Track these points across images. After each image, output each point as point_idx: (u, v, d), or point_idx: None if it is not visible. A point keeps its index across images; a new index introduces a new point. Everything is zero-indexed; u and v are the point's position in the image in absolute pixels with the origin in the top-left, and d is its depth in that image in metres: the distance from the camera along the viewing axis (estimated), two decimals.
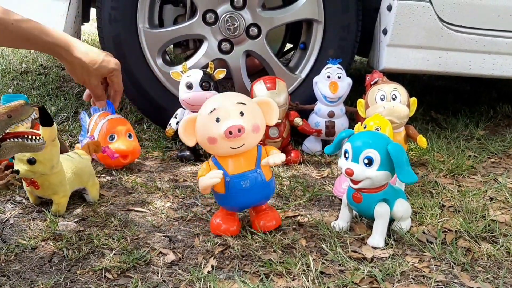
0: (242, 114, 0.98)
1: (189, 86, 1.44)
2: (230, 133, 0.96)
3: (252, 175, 1.02)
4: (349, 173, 1.01)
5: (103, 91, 1.39)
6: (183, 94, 1.46)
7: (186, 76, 1.45)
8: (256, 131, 1.00)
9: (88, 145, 1.26)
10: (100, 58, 1.30)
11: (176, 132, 1.45)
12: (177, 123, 1.47)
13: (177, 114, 1.50)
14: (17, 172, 1.07)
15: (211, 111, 0.98)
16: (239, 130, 0.96)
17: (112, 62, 1.33)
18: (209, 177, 0.99)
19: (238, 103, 0.99)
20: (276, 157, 1.00)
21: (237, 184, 1.01)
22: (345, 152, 1.04)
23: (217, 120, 0.97)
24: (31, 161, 1.05)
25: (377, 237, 1.04)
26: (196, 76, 1.44)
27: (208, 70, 1.48)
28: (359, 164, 1.01)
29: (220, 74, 1.49)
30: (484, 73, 1.70)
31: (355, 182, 1.03)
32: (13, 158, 1.06)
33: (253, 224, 1.09)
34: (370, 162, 1.00)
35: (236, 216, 1.09)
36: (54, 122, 1.04)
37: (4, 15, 1.14)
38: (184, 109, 1.49)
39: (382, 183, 1.03)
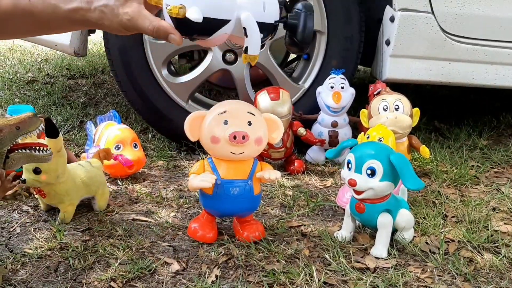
0: (249, 123, 1.01)
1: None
2: (235, 137, 0.98)
3: (243, 184, 1.04)
4: (352, 183, 1.02)
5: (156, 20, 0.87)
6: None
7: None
8: (259, 144, 1.02)
9: (98, 152, 1.28)
10: None
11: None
12: None
13: None
14: (24, 181, 1.08)
15: (222, 112, 1.01)
16: (243, 137, 0.98)
17: None
18: (200, 179, 1.01)
19: (248, 112, 1.02)
20: (272, 172, 1.05)
21: (227, 189, 1.03)
22: (348, 162, 1.05)
23: (225, 122, 1.00)
24: (36, 171, 1.07)
25: (380, 247, 1.05)
26: None
27: None
28: (362, 175, 1.02)
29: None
30: (486, 83, 1.71)
31: (358, 192, 1.04)
32: (21, 167, 1.08)
33: (237, 234, 1.11)
34: (373, 173, 1.01)
35: (214, 224, 1.11)
36: (60, 133, 1.06)
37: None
38: None
39: (385, 193, 1.04)
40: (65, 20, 0.89)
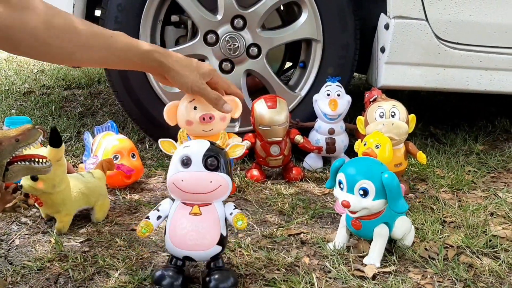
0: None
1: (185, 163, 0.90)
2: (204, 119, 1.19)
3: None
4: (346, 205, 1.01)
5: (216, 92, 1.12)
6: (174, 175, 0.91)
7: (182, 147, 0.93)
8: (223, 121, 1.23)
9: (101, 163, 1.28)
10: (191, 59, 1.11)
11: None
12: (159, 217, 0.92)
13: (160, 205, 0.94)
14: (21, 186, 1.08)
15: (191, 101, 1.20)
16: (210, 118, 1.19)
17: (204, 64, 1.12)
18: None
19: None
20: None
21: None
22: (340, 182, 1.04)
23: (195, 108, 1.19)
24: (33, 178, 1.07)
25: (373, 256, 1.05)
26: (197, 147, 0.91)
27: (219, 141, 1.00)
28: (354, 195, 1.01)
29: (236, 150, 0.96)
30: (481, 89, 1.72)
31: (352, 212, 1.04)
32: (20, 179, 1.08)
33: None
34: (365, 193, 1.00)
35: None
36: (63, 143, 1.06)
37: (100, 29, 0.99)
38: (173, 200, 0.94)
39: (380, 210, 1.04)
40: (140, 58, 1.03)
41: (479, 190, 1.50)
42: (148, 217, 0.91)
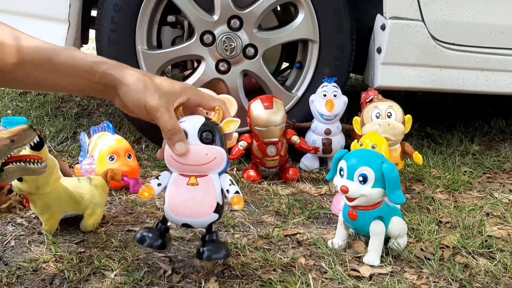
0: None
1: None
2: None
3: None
4: (344, 190, 1.03)
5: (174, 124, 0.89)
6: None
7: (180, 123, 0.95)
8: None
9: (107, 171, 1.23)
10: (157, 76, 0.92)
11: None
12: (159, 184, 0.97)
13: (159, 176, 0.99)
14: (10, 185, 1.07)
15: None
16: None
17: (176, 82, 0.93)
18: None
19: None
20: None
21: None
22: (340, 170, 1.06)
23: None
24: (19, 178, 1.05)
25: (373, 255, 1.05)
26: (193, 121, 0.94)
27: (214, 117, 0.98)
28: (354, 182, 1.03)
29: (230, 125, 0.97)
30: (477, 90, 1.73)
31: (350, 199, 1.05)
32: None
33: None
34: (364, 180, 1.02)
35: None
36: (45, 146, 1.03)
37: (45, 44, 0.86)
38: (171, 172, 0.97)
39: (377, 200, 1.05)
40: (85, 71, 0.85)
41: (475, 190, 1.50)
42: (148, 183, 0.96)
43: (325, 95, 1.60)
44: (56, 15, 1.61)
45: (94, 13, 1.74)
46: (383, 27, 1.62)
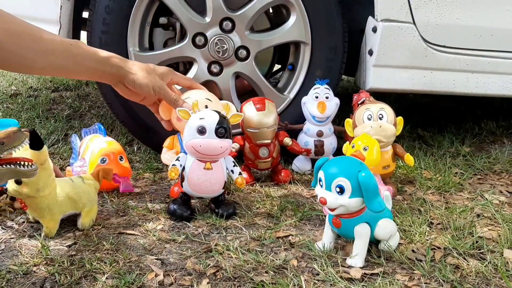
0: (206, 107, 1.28)
1: (202, 131, 1.18)
2: None
3: None
4: (323, 202, 1.03)
5: (175, 93, 1.24)
6: (193, 140, 1.19)
7: (198, 119, 1.20)
8: None
9: (98, 170, 1.24)
10: (148, 64, 1.20)
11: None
12: (181, 165, 1.22)
13: (179, 157, 1.23)
14: (7, 190, 1.06)
15: (185, 99, 1.27)
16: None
17: (160, 66, 1.24)
18: (167, 159, 1.36)
19: (206, 98, 1.31)
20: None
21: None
22: (320, 180, 1.05)
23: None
24: (17, 181, 1.05)
25: (356, 257, 1.05)
26: (211, 119, 1.19)
27: (223, 112, 1.25)
28: (332, 192, 1.02)
29: (236, 118, 1.27)
30: (467, 92, 1.74)
31: (330, 209, 1.05)
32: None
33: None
34: (341, 191, 1.01)
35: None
36: (45, 146, 1.04)
37: (60, 38, 1.08)
38: (186, 154, 1.24)
39: (358, 208, 1.04)
40: (99, 64, 1.09)
41: (465, 191, 1.51)
42: (174, 165, 1.20)
43: (317, 97, 1.61)
44: (47, 17, 1.60)
45: (85, 14, 1.74)
46: (374, 30, 1.63)
